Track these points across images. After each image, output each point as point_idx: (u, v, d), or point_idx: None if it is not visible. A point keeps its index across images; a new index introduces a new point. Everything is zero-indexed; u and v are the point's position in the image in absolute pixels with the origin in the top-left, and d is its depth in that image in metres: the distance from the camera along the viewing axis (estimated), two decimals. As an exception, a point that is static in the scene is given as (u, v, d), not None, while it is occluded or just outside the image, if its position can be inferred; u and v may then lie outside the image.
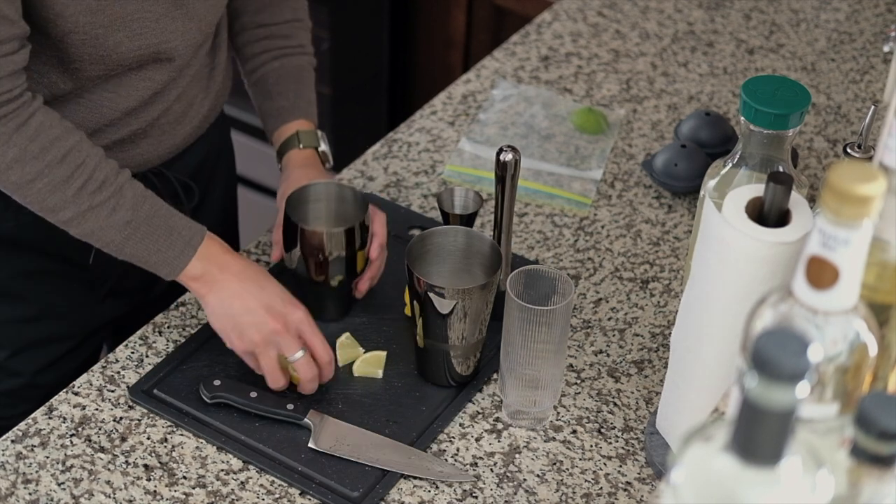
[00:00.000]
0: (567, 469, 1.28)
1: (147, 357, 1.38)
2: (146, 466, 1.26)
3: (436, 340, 1.31)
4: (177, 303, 1.45)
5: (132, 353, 1.38)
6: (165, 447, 1.28)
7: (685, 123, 1.67)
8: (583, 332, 1.44)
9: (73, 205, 1.28)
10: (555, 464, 1.29)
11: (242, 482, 1.26)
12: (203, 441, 1.29)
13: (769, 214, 1.11)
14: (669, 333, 1.44)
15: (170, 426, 1.31)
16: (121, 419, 1.31)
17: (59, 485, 1.24)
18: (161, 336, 1.41)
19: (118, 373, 1.36)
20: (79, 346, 1.55)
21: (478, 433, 1.32)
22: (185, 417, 1.31)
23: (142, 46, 1.34)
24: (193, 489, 1.25)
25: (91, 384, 1.35)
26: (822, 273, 0.88)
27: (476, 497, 1.26)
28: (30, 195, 1.28)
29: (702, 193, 1.26)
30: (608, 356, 1.41)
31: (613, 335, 1.44)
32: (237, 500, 1.24)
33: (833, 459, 0.85)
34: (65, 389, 1.34)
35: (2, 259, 1.45)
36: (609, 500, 1.25)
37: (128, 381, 1.35)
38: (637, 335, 1.44)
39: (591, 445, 1.31)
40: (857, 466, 0.84)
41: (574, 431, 1.32)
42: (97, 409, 1.32)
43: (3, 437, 1.29)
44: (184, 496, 1.24)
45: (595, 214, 1.60)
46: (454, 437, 1.31)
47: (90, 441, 1.29)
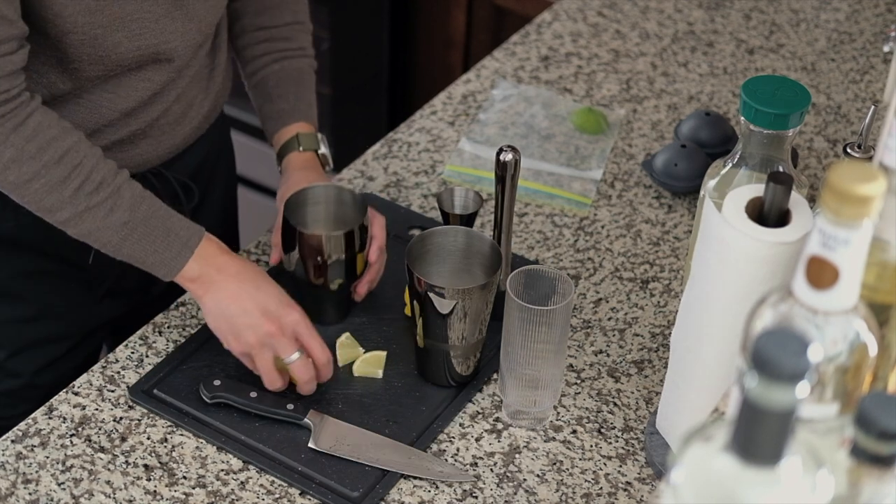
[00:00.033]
0: (567, 469, 1.28)
1: (147, 357, 1.38)
2: (146, 466, 1.26)
3: (436, 340, 1.31)
4: (177, 303, 1.45)
5: (132, 353, 1.38)
6: (165, 447, 1.28)
7: (685, 123, 1.67)
8: (583, 332, 1.44)
9: (71, 205, 1.28)
10: (555, 464, 1.29)
11: (242, 482, 1.26)
12: (203, 441, 1.29)
13: (769, 214, 1.11)
14: (669, 333, 1.44)
15: (170, 426, 1.31)
16: (121, 419, 1.31)
17: (59, 485, 1.24)
18: (161, 336, 1.41)
19: (118, 373, 1.36)
20: (78, 347, 1.55)
21: (478, 433, 1.32)
22: (185, 417, 1.31)
23: (141, 47, 1.34)
24: (193, 489, 1.25)
25: (91, 384, 1.35)
26: (822, 273, 0.88)
27: (476, 497, 1.26)
28: (27, 195, 1.28)
29: (702, 193, 1.26)
30: (608, 356, 1.41)
31: (613, 335, 1.44)
32: (237, 500, 1.24)
33: (833, 459, 0.85)
34: (65, 389, 1.34)
35: (1, 259, 1.45)
36: (609, 500, 1.25)
37: (128, 381, 1.35)
38: (637, 335, 1.44)
39: (591, 445, 1.31)
40: (857, 466, 0.84)
41: (574, 431, 1.32)
42: (97, 409, 1.32)
43: (3, 437, 1.29)
44: (184, 496, 1.24)
45: (595, 214, 1.60)
46: (454, 437, 1.31)
47: (90, 441, 1.29)
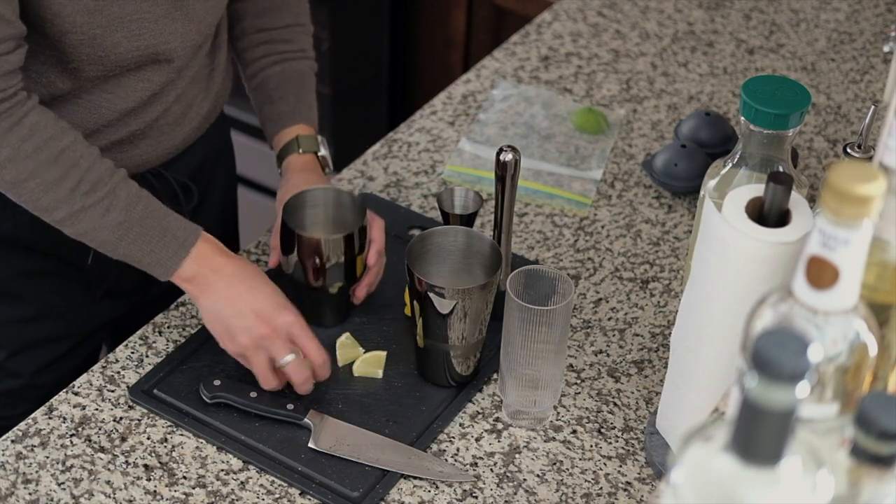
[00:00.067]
0: (567, 469, 1.28)
1: (147, 357, 1.38)
2: (146, 466, 1.26)
3: (436, 340, 1.31)
4: (177, 303, 1.45)
5: (132, 353, 1.38)
6: (165, 447, 1.28)
7: (685, 123, 1.67)
8: (583, 332, 1.44)
9: (66, 205, 1.28)
10: (555, 464, 1.29)
11: (242, 482, 1.26)
12: (203, 441, 1.29)
13: (769, 214, 1.11)
14: (669, 333, 1.44)
15: (170, 426, 1.31)
16: (121, 419, 1.31)
17: (59, 485, 1.24)
18: (161, 336, 1.41)
19: (118, 373, 1.36)
20: (77, 347, 1.55)
21: (478, 433, 1.32)
22: (185, 417, 1.31)
23: (140, 47, 1.34)
24: (193, 489, 1.25)
25: (91, 384, 1.35)
26: (822, 273, 0.88)
27: (476, 497, 1.26)
28: (23, 194, 1.28)
29: (702, 193, 1.26)
30: (608, 356, 1.41)
31: (613, 335, 1.44)
32: (237, 500, 1.24)
33: (833, 459, 0.85)
34: (65, 389, 1.34)
35: (0, 259, 1.45)
36: (609, 500, 1.25)
37: (128, 381, 1.35)
38: (637, 335, 1.44)
39: (591, 445, 1.31)
40: (857, 466, 0.84)
41: (574, 431, 1.32)
42: (97, 409, 1.32)
43: (3, 437, 1.29)
44: (184, 496, 1.24)
45: (595, 214, 1.60)
46: (454, 437, 1.31)
47: (90, 441, 1.29)
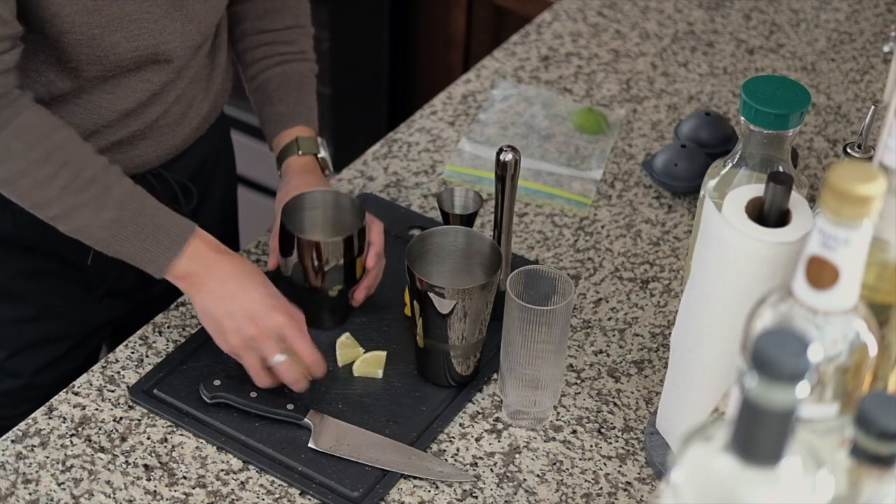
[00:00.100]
0: (567, 469, 1.28)
1: (147, 357, 1.38)
2: (146, 466, 1.26)
3: (436, 340, 1.31)
4: (177, 303, 1.45)
5: (132, 353, 1.38)
6: (165, 447, 1.28)
7: (685, 123, 1.67)
8: (583, 332, 1.44)
9: (59, 202, 1.27)
10: (555, 464, 1.29)
11: (242, 482, 1.26)
12: (203, 441, 1.29)
13: (769, 214, 1.11)
14: (669, 333, 1.44)
15: (170, 426, 1.31)
16: (121, 419, 1.31)
17: (59, 485, 1.24)
18: (161, 336, 1.41)
19: (118, 373, 1.36)
20: (77, 347, 1.55)
21: (478, 433, 1.32)
22: (185, 417, 1.31)
23: (140, 47, 1.34)
24: (193, 489, 1.25)
25: (91, 384, 1.34)
26: (822, 273, 0.88)
27: (476, 497, 1.26)
28: (15, 192, 1.28)
29: (702, 193, 1.26)
30: (608, 356, 1.41)
31: (613, 335, 1.44)
32: (237, 500, 1.24)
33: (833, 459, 0.85)
34: (65, 389, 1.34)
35: (0, 259, 1.45)
36: (609, 500, 1.25)
37: (128, 381, 1.35)
38: (637, 335, 1.44)
39: (591, 445, 1.31)
40: (857, 466, 0.84)
41: (574, 431, 1.32)
42: (97, 409, 1.32)
43: (3, 437, 1.29)
44: (184, 496, 1.24)
45: (595, 214, 1.60)
46: (454, 437, 1.31)
47: (90, 441, 1.29)
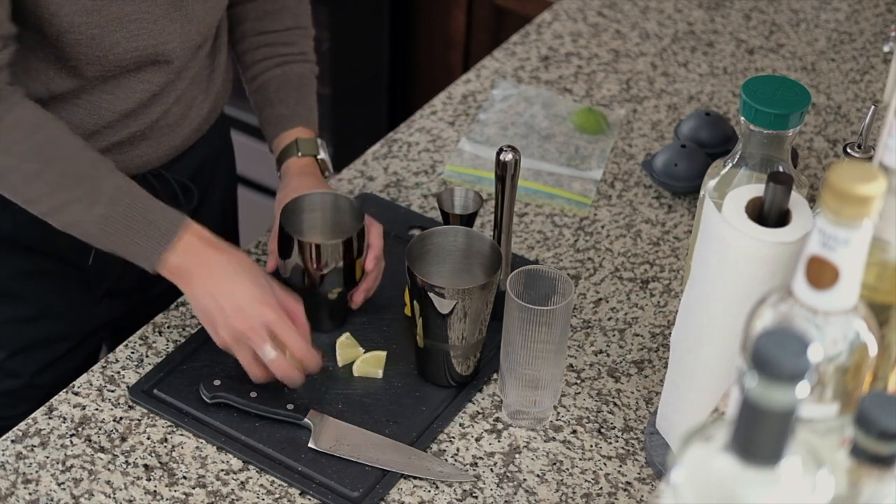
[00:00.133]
0: (567, 469, 1.28)
1: (147, 357, 1.38)
2: (146, 466, 1.26)
3: (436, 340, 1.31)
4: (177, 303, 1.45)
5: (132, 353, 1.38)
6: (165, 447, 1.28)
7: (685, 123, 1.67)
8: (583, 332, 1.44)
9: (49, 198, 1.27)
10: (555, 464, 1.29)
11: (242, 482, 1.26)
12: (203, 441, 1.29)
13: (769, 214, 1.11)
14: (669, 333, 1.44)
15: (170, 426, 1.31)
16: (121, 419, 1.31)
17: (59, 485, 1.24)
18: (161, 336, 1.41)
19: (118, 373, 1.36)
20: (78, 347, 1.55)
21: (478, 433, 1.32)
22: (185, 417, 1.31)
23: (139, 48, 1.34)
24: (193, 489, 1.25)
25: (91, 384, 1.34)
26: (822, 273, 0.88)
27: (476, 497, 1.26)
28: (6, 187, 1.28)
29: (702, 193, 1.26)
30: (608, 356, 1.41)
31: (613, 335, 1.44)
32: (237, 500, 1.24)
33: (833, 459, 0.85)
34: (65, 389, 1.34)
35: (0, 259, 1.45)
36: (609, 500, 1.25)
37: (128, 381, 1.35)
38: (637, 335, 1.44)
39: (591, 445, 1.31)
40: (857, 466, 0.84)
41: (574, 431, 1.32)
42: (97, 409, 1.32)
43: (3, 437, 1.29)
44: (184, 496, 1.24)
45: (595, 214, 1.60)
46: (454, 437, 1.31)
47: (90, 441, 1.29)
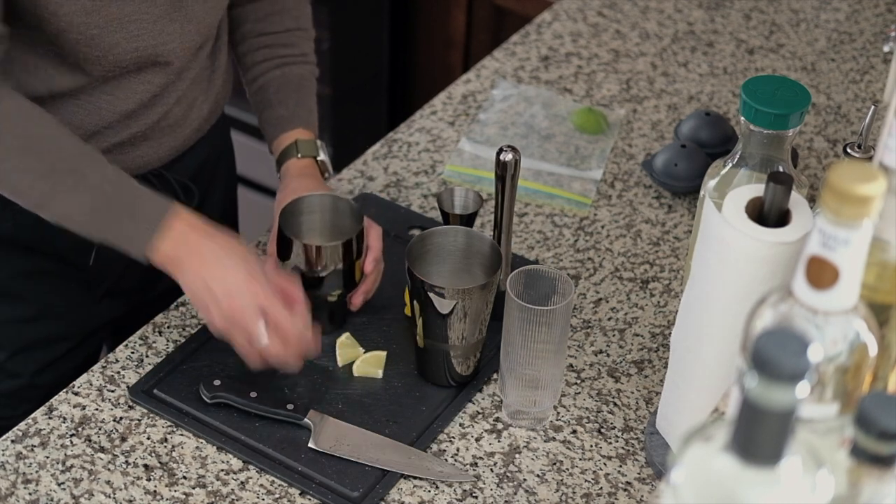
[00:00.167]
0: (567, 469, 1.28)
1: (147, 357, 1.38)
2: (146, 466, 1.26)
3: (436, 340, 1.31)
4: (177, 303, 1.45)
5: (132, 353, 1.38)
6: (165, 447, 1.28)
7: (685, 123, 1.67)
8: (583, 332, 1.44)
9: (36, 189, 1.27)
10: (555, 464, 1.29)
11: (242, 482, 1.26)
12: (203, 441, 1.29)
13: (769, 214, 1.11)
14: (669, 333, 1.44)
15: (170, 426, 1.31)
16: (121, 419, 1.31)
17: (59, 485, 1.24)
18: (161, 336, 1.41)
19: (118, 373, 1.36)
20: (78, 347, 1.55)
21: (478, 433, 1.32)
22: (185, 417, 1.31)
23: (139, 48, 1.34)
24: (193, 489, 1.25)
25: (91, 384, 1.34)
26: (822, 273, 0.88)
27: (476, 497, 1.26)
28: None
29: (702, 193, 1.26)
30: (608, 356, 1.41)
31: (613, 335, 1.44)
32: (237, 500, 1.24)
33: (833, 459, 0.85)
34: (65, 389, 1.34)
35: (0, 259, 1.45)
36: (609, 500, 1.25)
37: (128, 381, 1.35)
38: (637, 335, 1.44)
39: (591, 445, 1.31)
40: (857, 466, 0.84)
41: (574, 431, 1.32)
42: (97, 409, 1.32)
43: (3, 437, 1.29)
44: (184, 496, 1.24)
45: (595, 214, 1.60)
46: (454, 437, 1.31)
47: (90, 441, 1.29)
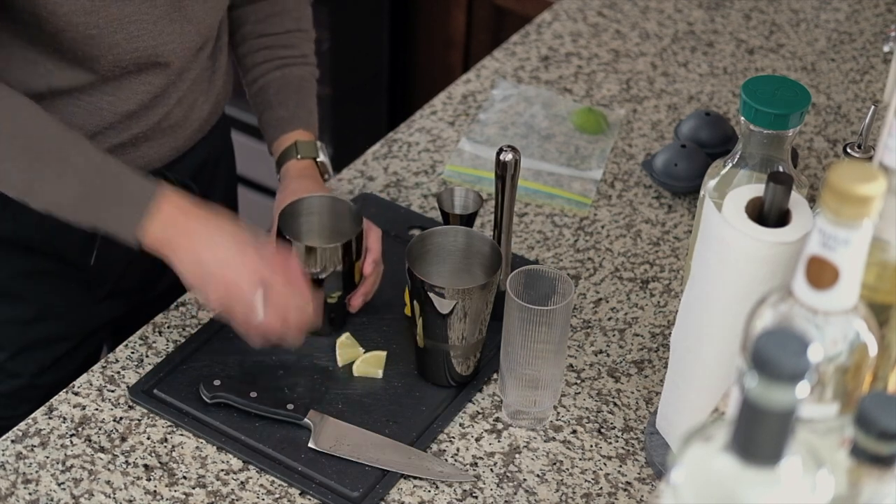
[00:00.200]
0: (567, 469, 1.28)
1: (147, 357, 1.38)
2: (146, 466, 1.26)
3: (436, 340, 1.31)
4: (177, 303, 1.45)
5: (132, 353, 1.38)
6: (165, 447, 1.28)
7: (685, 123, 1.67)
8: (583, 332, 1.44)
9: (20, 177, 1.26)
10: (555, 464, 1.29)
11: (242, 482, 1.26)
12: (203, 441, 1.29)
13: (769, 214, 1.11)
14: (669, 333, 1.44)
15: (170, 426, 1.31)
16: (121, 419, 1.31)
17: (59, 485, 1.24)
18: (161, 336, 1.41)
19: (118, 373, 1.36)
20: (78, 347, 1.55)
21: (478, 433, 1.32)
22: (185, 417, 1.31)
23: (139, 48, 1.34)
24: (193, 489, 1.25)
25: (91, 384, 1.34)
26: (822, 273, 0.88)
27: (476, 497, 1.26)
28: None
29: (702, 193, 1.26)
30: (608, 356, 1.41)
31: (613, 335, 1.44)
32: (237, 500, 1.24)
33: (833, 459, 0.85)
34: (65, 389, 1.34)
35: (0, 259, 1.45)
36: (609, 500, 1.25)
37: (128, 381, 1.35)
38: (637, 335, 1.44)
39: (591, 445, 1.31)
40: (857, 466, 0.84)
41: (574, 431, 1.32)
42: (97, 409, 1.32)
43: (3, 437, 1.29)
44: (184, 496, 1.24)
45: (595, 214, 1.60)
46: (454, 437, 1.31)
47: (90, 441, 1.29)
